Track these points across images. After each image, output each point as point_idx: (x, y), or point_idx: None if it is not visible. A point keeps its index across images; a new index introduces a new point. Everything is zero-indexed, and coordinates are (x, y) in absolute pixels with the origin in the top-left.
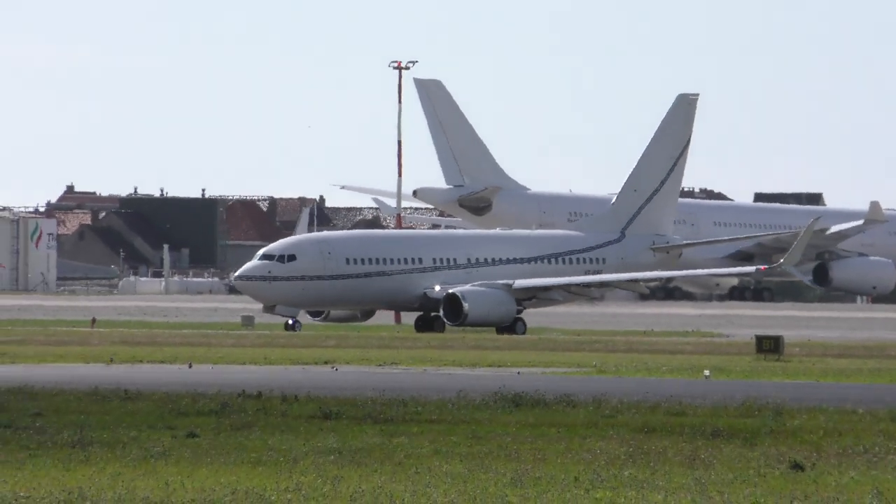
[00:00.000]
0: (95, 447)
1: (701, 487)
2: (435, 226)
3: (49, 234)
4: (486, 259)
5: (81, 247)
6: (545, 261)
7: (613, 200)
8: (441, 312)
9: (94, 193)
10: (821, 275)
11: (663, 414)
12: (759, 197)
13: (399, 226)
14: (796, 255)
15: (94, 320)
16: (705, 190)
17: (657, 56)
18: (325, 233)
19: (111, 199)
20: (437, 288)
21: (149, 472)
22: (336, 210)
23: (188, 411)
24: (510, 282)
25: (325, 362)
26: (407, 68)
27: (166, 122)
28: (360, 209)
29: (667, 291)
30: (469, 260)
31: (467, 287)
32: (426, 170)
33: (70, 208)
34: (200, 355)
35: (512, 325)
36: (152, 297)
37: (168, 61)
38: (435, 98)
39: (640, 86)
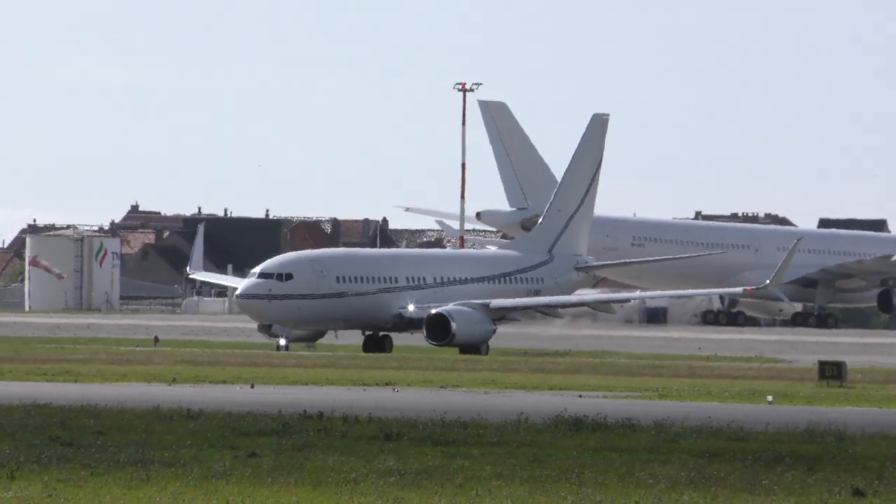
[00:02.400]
0: (157, 466)
1: None
2: (500, 248)
3: (113, 254)
4: (447, 279)
5: (145, 266)
6: (495, 280)
7: (540, 220)
8: (424, 332)
9: (158, 213)
10: (885, 301)
11: (725, 439)
12: (824, 223)
13: (461, 248)
14: (780, 276)
15: (156, 339)
16: (770, 215)
17: (735, 79)
18: (317, 251)
19: (175, 218)
20: (411, 307)
21: (210, 492)
22: (399, 232)
23: (250, 431)
24: (487, 301)
25: (386, 383)
26: (471, 90)
27: (230, 143)
28: (424, 231)
29: (730, 317)
30: (435, 279)
31: (452, 307)
32: (490, 192)
33: (134, 228)
34: (263, 375)
35: (476, 346)
36: (215, 317)
37: (232, 82)
38: (499, 120)
39: (715, 108)
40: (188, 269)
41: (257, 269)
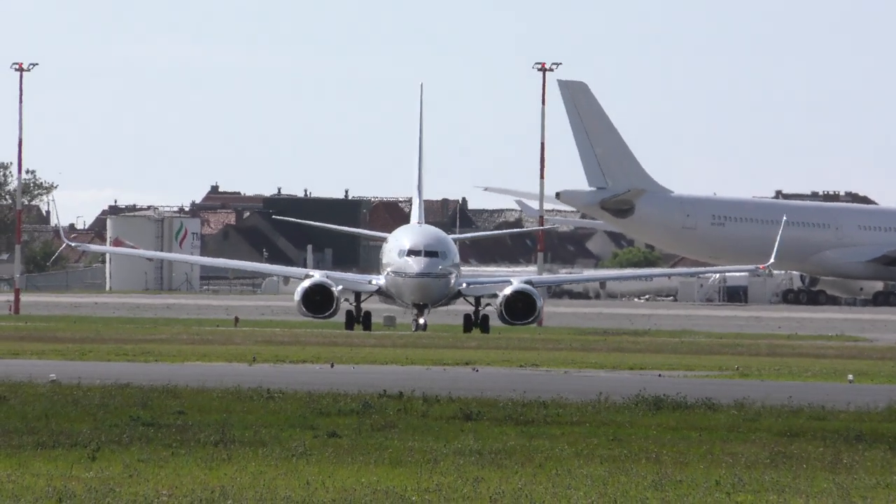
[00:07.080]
0: (237, 446)
1: (843, 492)
2: (578, 228)
3: (193, 234)
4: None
5: (225, 246)
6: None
7: (420, 204)
8: (502, 310)
9: (239, 193)
10: None
11: (806, 418)
12: None
13: (541, 227)
14: (778, 255)
15: (237, 319)
16: (851, 193)
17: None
18: (436, 229)
19: (255, 199)
20: (465, 285)
21: (290, 472)
22: (478, 212)
23: (330, 411)
24: (529, 278)
25: (466, 363)
26: (551, 70)
27: (310, 123)
28: (503, 211)
29: (811, 295)
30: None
31: (523, 284)
32: (569, 172)
33: (214, 208)
34: (342, 355)
35: (481, 322)
36: None
37: (312, 63)
38: (579, 100)
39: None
40: (69, 242)
41: (420, 246)
